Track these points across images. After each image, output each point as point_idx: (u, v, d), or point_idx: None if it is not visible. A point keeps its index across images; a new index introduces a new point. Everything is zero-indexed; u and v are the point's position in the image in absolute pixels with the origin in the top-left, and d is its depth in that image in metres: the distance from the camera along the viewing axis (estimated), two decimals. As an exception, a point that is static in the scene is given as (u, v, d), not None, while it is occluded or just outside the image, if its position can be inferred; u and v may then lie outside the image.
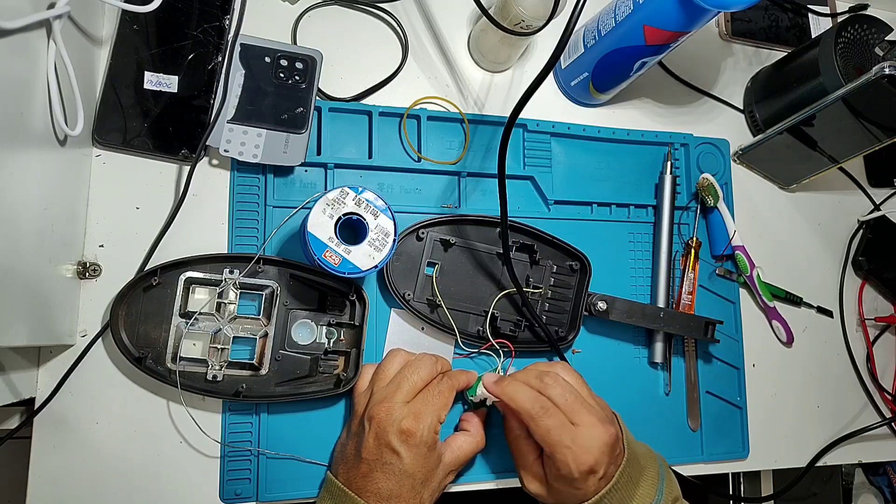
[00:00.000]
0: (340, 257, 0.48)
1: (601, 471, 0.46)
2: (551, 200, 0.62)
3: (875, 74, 0.55)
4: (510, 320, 0.57)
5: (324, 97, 0.58)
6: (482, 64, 0.64)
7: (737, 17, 0.75)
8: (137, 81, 0.53)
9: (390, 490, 0.46)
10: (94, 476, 0.49)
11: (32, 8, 0.40)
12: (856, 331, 0.73)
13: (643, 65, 0.58)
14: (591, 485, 0.47)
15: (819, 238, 0.73)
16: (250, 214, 0.54)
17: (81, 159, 0.51)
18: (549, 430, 0.47)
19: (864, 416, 0.71)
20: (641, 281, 0.64)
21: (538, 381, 0.49)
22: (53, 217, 0.45)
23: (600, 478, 0.47)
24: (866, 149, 0.64)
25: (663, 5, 0.51)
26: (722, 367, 0.65)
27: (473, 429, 0.53)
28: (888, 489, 0.90)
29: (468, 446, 0.52)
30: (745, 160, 0.71)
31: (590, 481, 0.46)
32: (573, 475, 0.46)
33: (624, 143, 0.65)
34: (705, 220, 0.67)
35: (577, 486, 0.47)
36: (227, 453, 0.51)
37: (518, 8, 0.53)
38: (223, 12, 0.55)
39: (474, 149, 0.60)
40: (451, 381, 0.51)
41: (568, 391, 0.48)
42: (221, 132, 0.52)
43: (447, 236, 0.57)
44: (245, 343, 0.52)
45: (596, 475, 0.46)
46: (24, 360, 0.48)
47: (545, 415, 0.47)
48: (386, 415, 0.47)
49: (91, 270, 0.50)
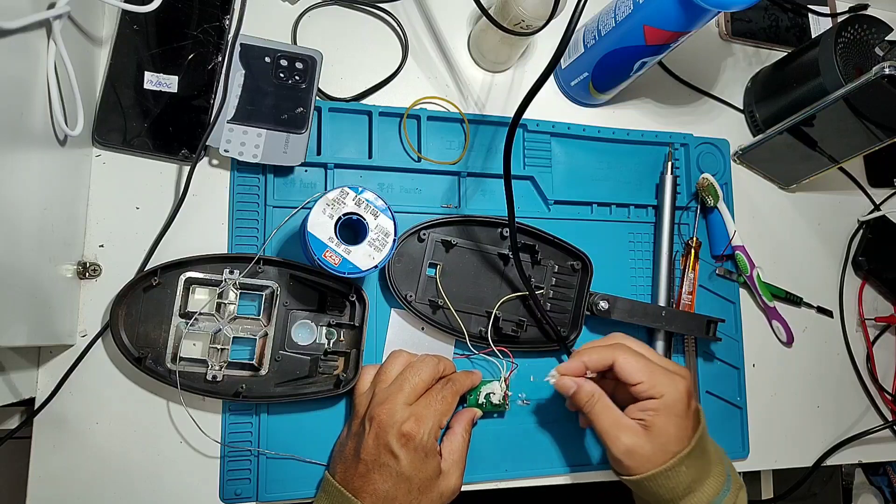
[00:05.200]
0: (340, 257, 0.48)
1: (695, 399, 0.50)
2: (551, 200, 0.62)
3: (875, 74, 0.55)
4: (512, 321, 0.57)
5: (324, 97, 0.58)
6: (482, 64, 0.64)
7: (737, 17, 0.75)
8: (137, 81, 0.53)
9: (386, 492, 0.46)
10: (94, 476, 0.49)
11: (32, 8, 0.40)
12: (856, 331, 0.73)
13: (643, 65, 0.58)
14: (691, 415, 0.49)
15: (819, 238, 0.73)
16: (250, 214, 0.54)
17: (81, 159, 0.51)
18: (644, 365, 0.49)
19: (863, 417, 0.71)
20: (642, 281, 0.64)
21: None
22: (53, 217, 0.45)
23: (695, 409, 0.49)
24: (866, 149, 0.64)
25: (663, 5, 0.51)
26: (722, 367, 0.65)
27: (459, 426, 0.52)
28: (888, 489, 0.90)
29: (458, 445, 0.51)
30: (745, 160, 0.71)
31: (691, 407, 0.49)
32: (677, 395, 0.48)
33: (624, 143, 0.65)
34: (705, 220, 0.67)
35: (683, 412, 0.48)
36: (227, 453, 0.51)
37: (518, 8, 0.53)
38: (223, 12, 0.55)
39: (474, 149, 0.60)
40: (454, 387, 0.51)
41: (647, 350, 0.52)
42: (221, 132, 0.52)
43: (449, 237, 0.57)
44: (245, 343, 0.52)
45: (692, 402, 0.49)
46: (24, 360, 0.48)
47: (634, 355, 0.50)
48: (387, 416, 0.47)
49: (91, 270, 0.50)
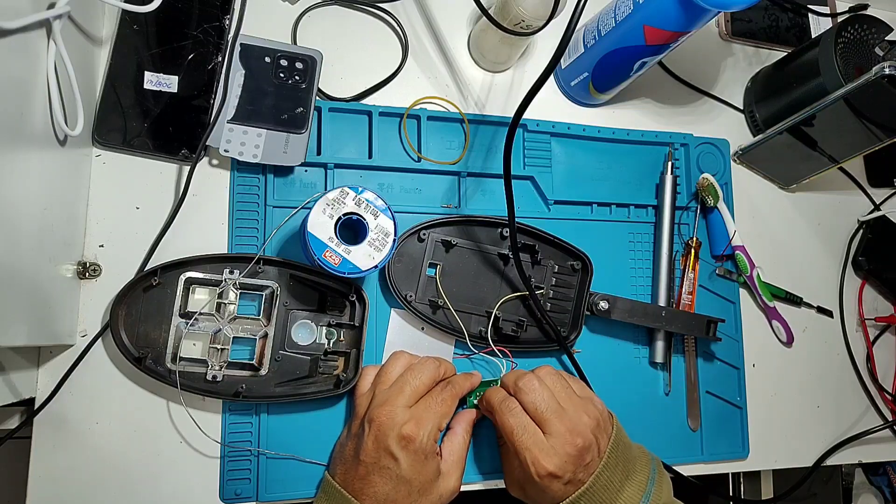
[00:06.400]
0: (340, 257, 0.48)
1: (565, 477, 0.47)
2: (551, 200, 0.62)
3: (875, 74, 0.55)
4: (512, 321, 0.57)
5: (324, 97, 0.58)
6: (482, 64, 0.64)
7: (737, 17, 0.75)
8: (137, 81, 0.53)
9: (387, 494, 0.46)
10: (94, 476, 0.49)
11: (32, 8, 0.40)
12: (856, 331, 0.73)
13: (643, 65, 0.58)
14: (557, 489, 0.47)
15: (819, 238, 0.73)
16: (250, 214, 0.54)
17: (81, 159, 0.51)
18: (513, 431, 0.48)
19: (863, 417, 0.71)
20: (642, 281, 0.64)
21: (514, 385, 0.50)
22: (53, 217, 0.45)
23: (566, 482, 0.47)
24: (866, 149, 0.64)
25: (663, 5, 0.51)
26: (722, 367, 0.65)
27: (459, 427, 0.52)
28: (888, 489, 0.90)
29: (458, 446, 0.51)
30: (745, 160, 0.71)
31: (554, 485, 0.47)
32: (534, 477, 0.47)
33: (624, 143, 0.65)
34: (705, 220, 0.67)
35: (541, 488, 0.48)
36: (227, 453, 0.51)
37: (518, 8, 0.53)
38: (223, 12, 0.55)
39: (474, 149, 0.60)
40: (454, 389, 0.51)
41: (540, 398, 0.49)
42: (221, 132, 0.52)
43: (449, 237, 0.57)
44: (245, 343, 0.52)
45: (560, 480, 0.47)
46: (24, 360, 0.48)
47: (510, 414, 0.49)
48: (387, 418, 0.47)
49: (91, 270, 0.50)
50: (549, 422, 0.48)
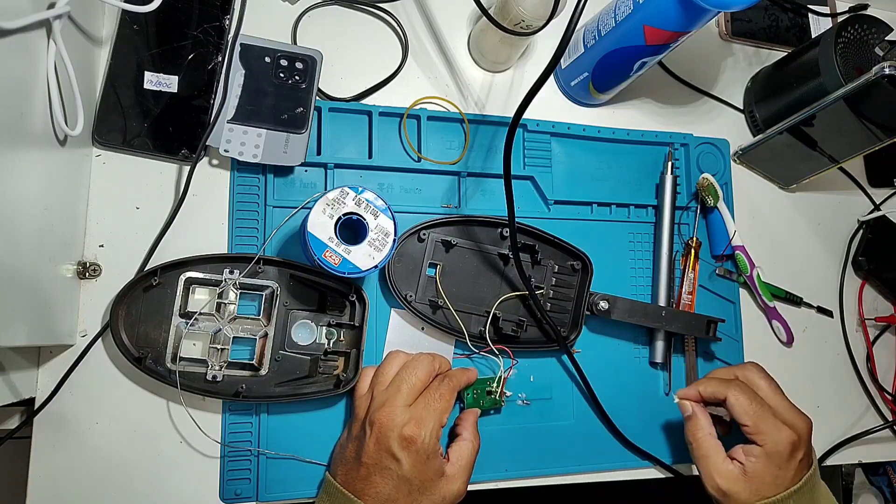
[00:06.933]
0: (340, 257, 0.48)
1: (802, 451, 0.51)
2: (551, 200, 0.62)
3: (875, 74, 0.55)
4: (512, 320, 0.57)
5: (324, 97, 0.58)
6: (482, 64, 0.64)
7: (737, 17, 0.75)
8: (137, 81, 0.53)
9: (388, 494, 0.46)
10: (94, 476, 0.49)
11: (32, 8, 0.40)
12: (856, 331, 0.73)
13: (643, 65, 0.58)
14: (792, 467, 0.51)
15: (819, 238, 0.73)
16: (250, 214, 0.54)
17: (81, 159, 0.51)
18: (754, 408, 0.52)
19: (863, 417, 0.71)
20: (642, 281, 0.64)
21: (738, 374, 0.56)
22: (53, 217, 0.45)
23: (800, 460, 0.51)
24: (866, 149, 0.64)
25: (663, 5, 0.51)
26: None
27: (467, 432, 0.52)
28: (888, 489, 0.90)
29: (466, 452, 0.51)
30: (745, 160, 0.71)
31: (795, 459, 0.50)
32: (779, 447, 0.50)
33: (624, 143, 0.65)
34: (705, 220, 0.67)
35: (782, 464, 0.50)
36: (227, 453, 0.51)
37: (518, 8, 0.53)
38: (223, 12, 0.55)
39: (474, 149, 0.60)
40: (451, 383, 0.51)
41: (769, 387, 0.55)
42: (221, 132, 0.52)
43: (449, 237, 0.57)
44: (245, 343, 0.52)
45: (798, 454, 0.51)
46: (24, 360, 0.48)
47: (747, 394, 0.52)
48: (387, 420, 0.47)
49: (91, 270, 0.50)
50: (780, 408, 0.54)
